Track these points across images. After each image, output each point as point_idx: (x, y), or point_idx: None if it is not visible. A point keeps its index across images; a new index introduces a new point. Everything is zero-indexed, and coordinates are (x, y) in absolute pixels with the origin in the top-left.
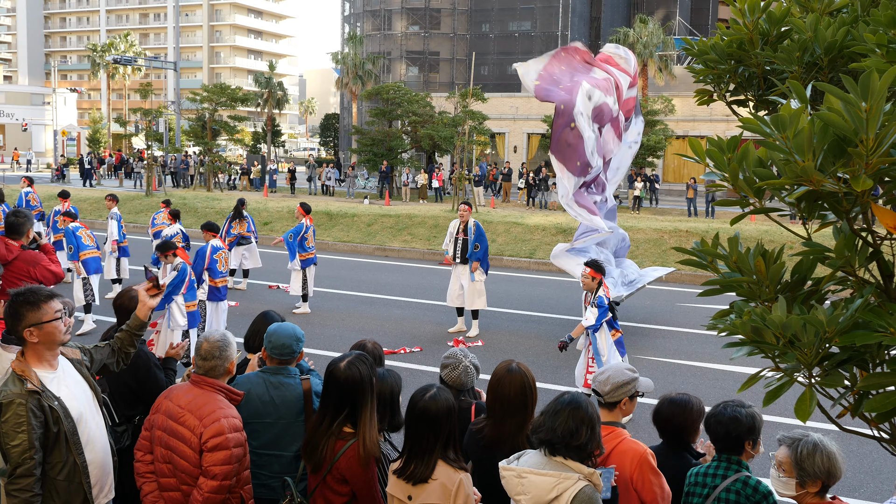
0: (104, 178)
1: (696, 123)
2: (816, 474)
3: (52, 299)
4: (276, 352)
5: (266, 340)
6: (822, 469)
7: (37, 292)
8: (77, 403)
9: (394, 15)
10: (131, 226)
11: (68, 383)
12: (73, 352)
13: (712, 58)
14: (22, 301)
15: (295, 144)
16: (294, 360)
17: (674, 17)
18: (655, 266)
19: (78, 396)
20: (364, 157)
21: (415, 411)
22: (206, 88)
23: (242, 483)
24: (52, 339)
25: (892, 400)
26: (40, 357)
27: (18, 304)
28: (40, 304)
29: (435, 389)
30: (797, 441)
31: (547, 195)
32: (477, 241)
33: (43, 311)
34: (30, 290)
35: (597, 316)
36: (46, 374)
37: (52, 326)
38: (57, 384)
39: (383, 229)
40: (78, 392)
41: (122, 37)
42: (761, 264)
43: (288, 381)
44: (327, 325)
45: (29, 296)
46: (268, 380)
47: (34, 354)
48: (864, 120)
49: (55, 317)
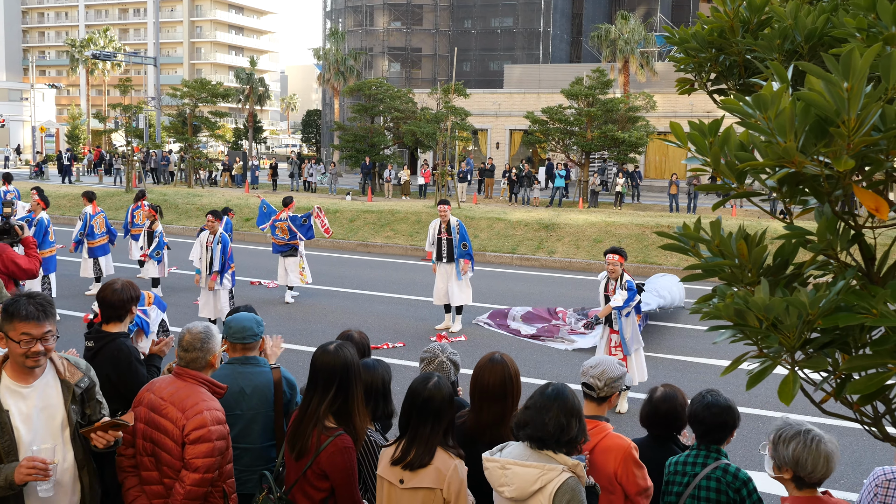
0: (83, 174)
1: (678, 119)
2: (785, 461)
3: (34, 320)
4: (237, 336)
5: (225, 330)
6: (789, 458)
7: (17, 304)
8: (29, 426)
9: (375, 11)
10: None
11: (34, 403)
12: (73, 372)
13: (693, 46)
14: (7, 303)
15: (276, 141)
16: (257, 343)
17: (655, 14)
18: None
19: (34, 420)
20: (346, 154)
21: (418, 400)
22: (186, 84)
23: (225, 476)
24: (14, 358)
25: (876, 382)
26: (14, 365)
27: (5, 304)
28: (13, 319)
29: (437, 378)
30: (786, 426)
31: (529, 191)
32: (463, 240)
33: (11, 326)
34: (23, 298)
35: (625, 298)
36: (14, 384)
37: (15, 346)
38: (16, 399)
39: (366, 225)
40: (39, 417)
41: (102, 32)
42: (744, 248)
43: (258, 370)
44: (309, 321)
45: (10, 304)
46: (237, 370)
47: (11, 360)
48: (845, 100)
49: (21, 338)
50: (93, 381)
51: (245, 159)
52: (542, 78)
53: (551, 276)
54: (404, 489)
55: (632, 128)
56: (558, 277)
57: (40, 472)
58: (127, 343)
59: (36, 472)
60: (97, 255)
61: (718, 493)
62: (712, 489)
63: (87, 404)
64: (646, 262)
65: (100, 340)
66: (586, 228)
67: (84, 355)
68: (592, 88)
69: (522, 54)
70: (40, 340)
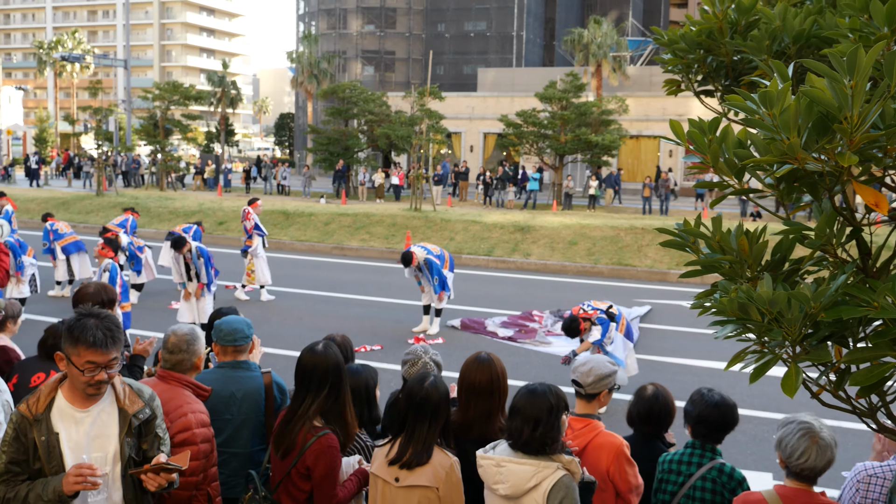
0: (51, 178)
1: (650, 123)
2: (781, 449)
3: (101, 347)
4: (228, 338)
5: (216, 333)
6: (776, 440)
7: (84, 328)
8: (77, 455)
9: (349, 14)
10: (82, 226)
11: (86, 430)
12: (133, 401)
13: (682, 47)
14: (66, 325)
15: (249, 144)
16: (248, 345)
17: (627, 19)
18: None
19: (84, 447)
20: (320, 157)
21: (416, 399)
22: (158, 86)
23: (209, 480)
24: (74, 383)
25: (877, 373)
26: (72, 387)
27: (65, 326)
28: (78, 343)
29: (433, 377)
30: (796, 420)
31: (504, 194)
32: (436, 276)
33: (75, 351)
34: (91, 320)
35: (601, 331)
36: (69, 407)
37: (77, 373)
38: (69, 423)
39: (341, 228)
40: (91, 446)
41: (70, 34)
42: (745, 243)
43: (249, 374)
44: (286, 325)
45: (76, 326)
46: (227, 374)
47: (70, 383)
48: (848, 96)
49: (85, 367)
50: (154, 413)
51: (217, 162)
52: (516, 81)
53: (527, 278)
54: (400, 487)
55: (605, 131)
56: (534, 279)
57: (89, 480)
58: None
59: (84, 480)
60: (71, 251)
61: (714, 493)
62: (707, 490)
63: (145, 438)
64: (620, 263)
65: None
66: (561, 231)
67: None
68: (566, 92)
69: (496, 58)
70: (105, 368)
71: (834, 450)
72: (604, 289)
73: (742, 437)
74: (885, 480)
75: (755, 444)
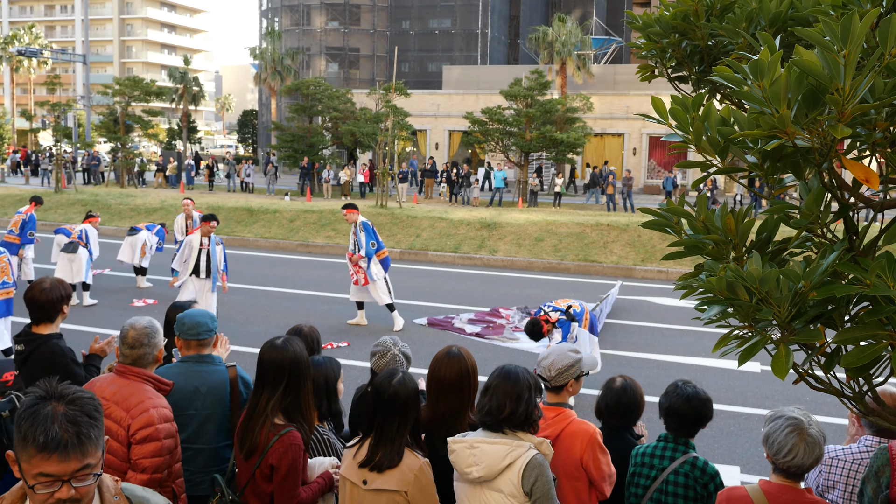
0: (8, 175)
1: (614, 121)
2: (768, 445)
3: (57, 451)
4: (191, 332)
5: (178, 327)
6: (771, 446)
7: (34, 419)
8: None
9: (312, 10)
10: (41, 223)
11: None
12: None
13: (656, 31)
14: (22, 413)
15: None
16: (212, 340)
17: (591, 17)
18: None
19: None
20: (284, 154)
21: (384, 397)
22: (119, 81)
23: (174, 476)
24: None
25: (869, 354)
26: None
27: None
28: (26, 445)
29: (401, 374)
30: (784, 415)
31: (469, 191)
32: (373, 240)
33: (25, 456)
34: (48, 406)
35: (562, 334)
36: None
37: (28, 490)
38: None
39: (306, 225)
40: None
41: (27, 28)
42: (731, 222)
43: (213, 368)
44: (251, 322)
45: (26, 416)
46: (191, 368)
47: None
48: (841, 66)
49: (37, 480)
50: None
51: (179, 159)
52: (481, 79)
53: (494, 274)
54: (367, 490)
55: (570, 129)
56: (501, 276)
57: None
58: (60, 344)
59: None
60: (13, 252)
61: (686, 487)
62: (680, 484)
63: None
64: (586, 259)
65: (31, 343)
66: (527, 227)
67: (14, 360)
68: (531, 89)
69: (461, 55)
70: (69, 482)
71: (822, 446)
72: (570, 285)
73: (709, 431)
74: (846, 462)
75: (722, 438)
